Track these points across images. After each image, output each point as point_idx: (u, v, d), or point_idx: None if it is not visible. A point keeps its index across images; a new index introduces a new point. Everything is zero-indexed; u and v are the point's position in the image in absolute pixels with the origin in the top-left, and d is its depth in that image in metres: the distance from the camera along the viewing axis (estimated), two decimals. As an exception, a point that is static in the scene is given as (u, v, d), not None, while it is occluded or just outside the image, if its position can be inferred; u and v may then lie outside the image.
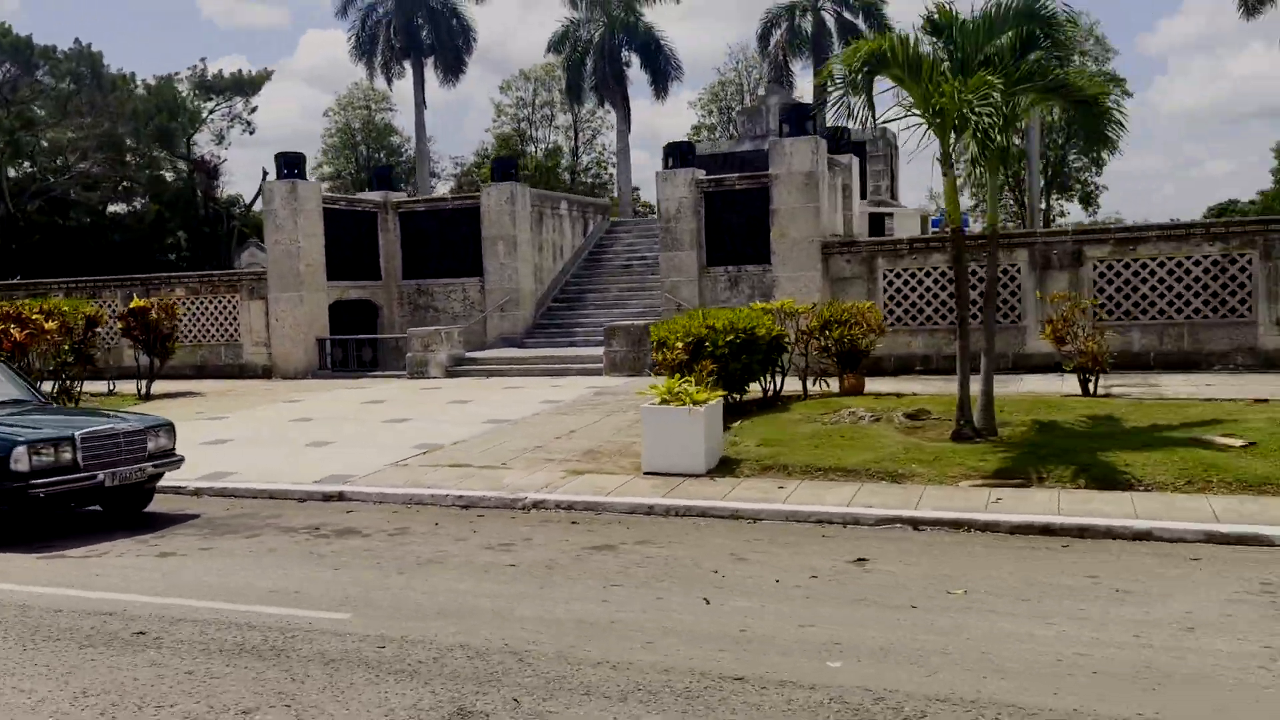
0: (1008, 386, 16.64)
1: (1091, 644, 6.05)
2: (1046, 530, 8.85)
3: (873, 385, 16.70)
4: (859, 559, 8.16)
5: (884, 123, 15.01)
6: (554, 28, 50.00)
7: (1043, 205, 51.75)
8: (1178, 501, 9.36)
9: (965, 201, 54.79)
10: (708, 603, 7.04)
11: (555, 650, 6.11)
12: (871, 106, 11.04)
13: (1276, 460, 10.15)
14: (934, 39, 11.47)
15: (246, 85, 49.75)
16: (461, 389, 19.26)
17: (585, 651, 6.08)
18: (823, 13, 44.72)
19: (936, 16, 11.49)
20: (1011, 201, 52.11)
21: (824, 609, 6.88)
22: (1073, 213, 52.26)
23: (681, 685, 5.51)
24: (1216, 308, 17.29)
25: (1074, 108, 11.51)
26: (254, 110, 51.76)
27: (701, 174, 23.46)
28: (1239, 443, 10.81)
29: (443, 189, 56.45)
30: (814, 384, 16.40)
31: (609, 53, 44.94)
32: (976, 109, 10.14)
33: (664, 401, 11.40)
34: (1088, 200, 51.90)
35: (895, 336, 19.19)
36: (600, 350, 20.96)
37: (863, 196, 33.80)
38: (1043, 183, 51.99)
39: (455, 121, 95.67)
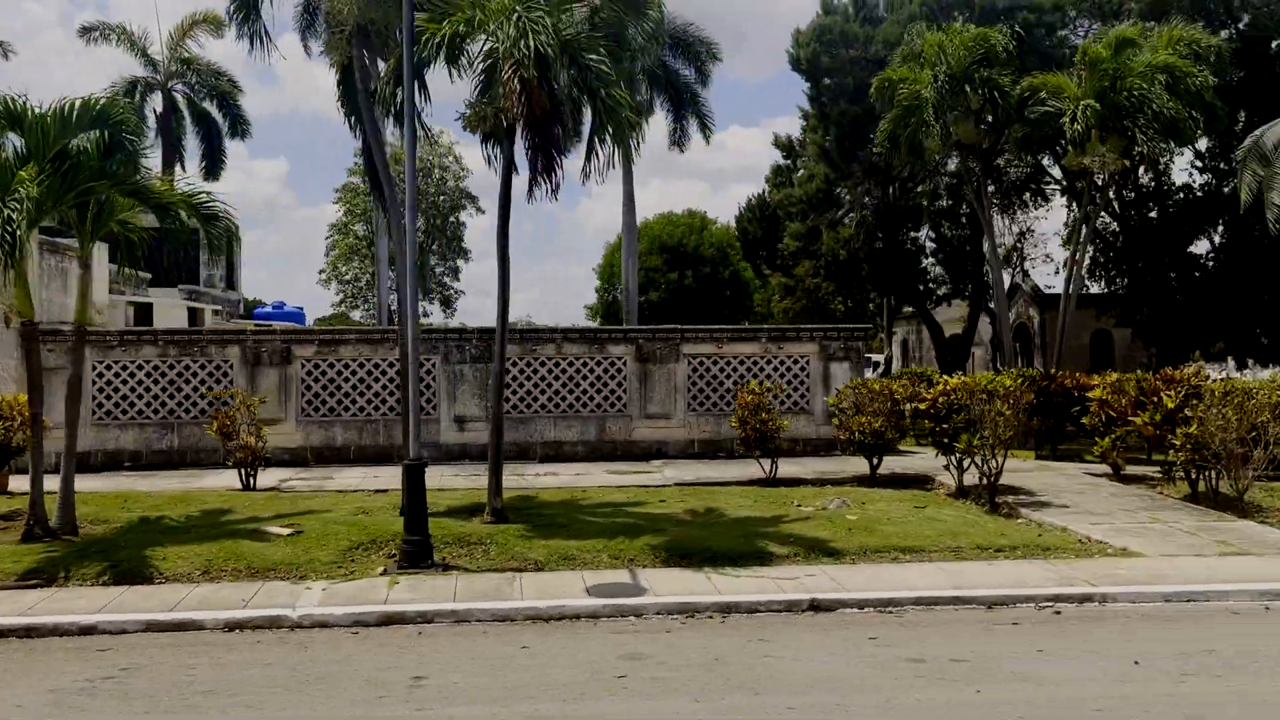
0: (203, 480, 16.56)
1: None
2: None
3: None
4: None
5: None
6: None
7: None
8: (158, 592, 9.75)
9: (332, 296, 56.17)
10: None
11: None
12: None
13: (300, 548, 11.13)
14: (7, 129, 11.21)
15: None
16: None
17: None
18: (174, 93, 43.14)
19: (11, 107, 11.28)
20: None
21: None
22: (434, 314, 55.92)
23: None
24: (408, 406, 19.15)
25: (160, 211, 11.99)
26: None
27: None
28: (287, 531, 11.76)
29: None
30: (-43, 484, 14.94)
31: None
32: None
33: None
34: (447, 303, 56.04)
35: (105, 431, 18.34)
36: None
37: (174, 284, 32.76)
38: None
39: None
